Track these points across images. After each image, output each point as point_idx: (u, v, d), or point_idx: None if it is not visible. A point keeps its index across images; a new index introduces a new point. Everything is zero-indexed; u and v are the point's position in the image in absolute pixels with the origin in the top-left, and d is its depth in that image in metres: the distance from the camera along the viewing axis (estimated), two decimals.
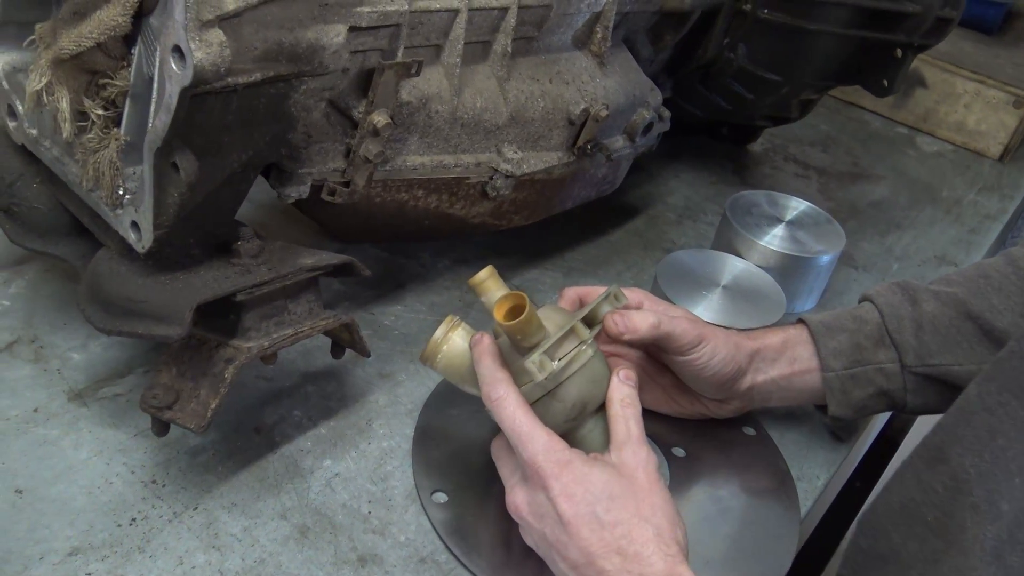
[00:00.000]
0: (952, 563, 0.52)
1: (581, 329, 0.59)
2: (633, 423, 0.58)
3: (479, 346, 0.59)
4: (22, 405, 0.67)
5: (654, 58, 0.95)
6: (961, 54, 1.41)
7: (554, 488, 0.54)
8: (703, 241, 1.03)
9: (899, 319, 0.71)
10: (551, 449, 0.55)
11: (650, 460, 0.56)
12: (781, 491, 0.72)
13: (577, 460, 0.55)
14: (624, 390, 0.59)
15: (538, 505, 0.55)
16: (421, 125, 0.70)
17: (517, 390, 0.57)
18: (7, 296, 0.76)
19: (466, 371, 0.61)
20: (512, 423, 0.56)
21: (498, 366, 0.58)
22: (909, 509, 0.58)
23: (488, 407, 0.58)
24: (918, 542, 0.57)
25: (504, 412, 0.56)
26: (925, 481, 0.57)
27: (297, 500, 0.64)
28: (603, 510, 0.53)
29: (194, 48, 0.48)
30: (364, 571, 0.60)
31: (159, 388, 0.59)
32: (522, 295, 0.56)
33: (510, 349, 0.59)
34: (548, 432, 0.56)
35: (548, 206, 0.86)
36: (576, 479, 0.54)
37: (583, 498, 0.53)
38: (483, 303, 0.61)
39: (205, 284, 0.58)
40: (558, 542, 0.54)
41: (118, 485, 0.62)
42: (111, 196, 0.59)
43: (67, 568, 0.57)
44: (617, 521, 0.53)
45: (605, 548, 0.52)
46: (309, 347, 0.76)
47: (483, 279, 0.60)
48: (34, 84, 0.58)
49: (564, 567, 0.54)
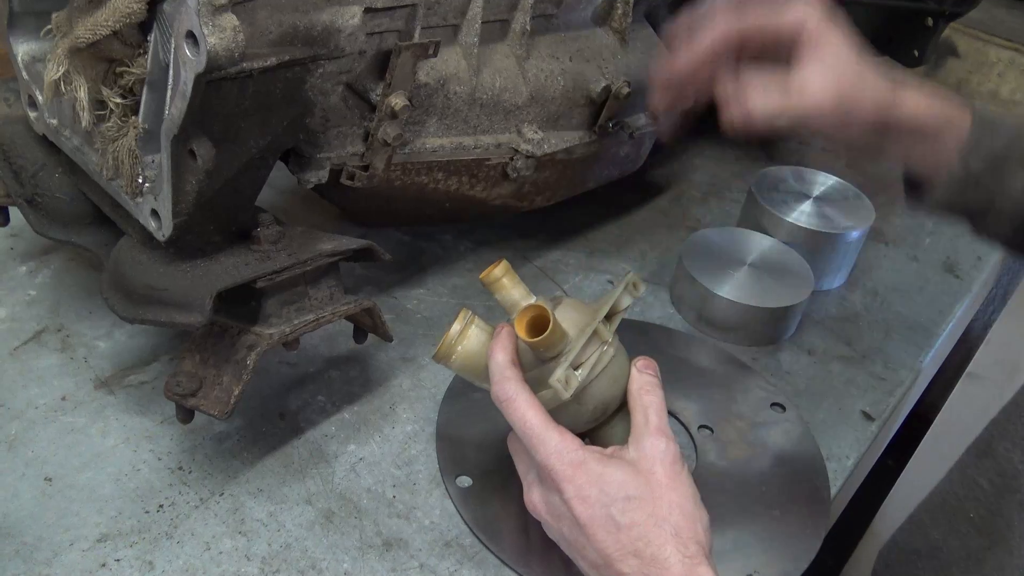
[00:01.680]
0: (996, 561, 0.51)
1: (603, 330, 0.57)
2: (652, 412, 0.55)
3: (496, 340, 0.57)
4: (50, 394, 0.67)
5: None
6: (994, 22, 1.37)
7: (568, 491, 0.52)
8: (728, 219, 1.02)
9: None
10: (564, 450, 0.53)
11: (669, 451, 0.54)
12: (810, 471, 0.71)
13: (591, 460, 0.53)
14: (643, 379, 0.57)
15: (554, 506, 0.54)
16: (440, 107, 0.69)
17: (527, 389, 0.55)
18: (33, 286, 0.77)
19: (483, 369, 0.58)
20: (523, 424, 0.54)
21: (508, 363, 0.56)
22: (951, 505, 0.57)
23: (498, 407, 0.56)
24: (959, 539, 0.55)
25: (515, 413, 0.54)
26: (970, 476, 0.56)
27: (322, 485, 0.64)
28: (618, 511, 0.51)
29: (207, 33, 0.47)
30: (389, 555, 0.60)
31: (183, 376, 0.59)
32: (543, 307, 0.54)
33: (528, 351, 0.57)
34: (560, 431, 0.54)
35: (570, 186, 0.85)
36: (590, 480, 0.52)
37: (598, 499, 0.52)
38: (498, 300, 0.58)
39: (225, 271, 0.58)
40: (576, 542, 0.53)
41: (145, 472, 0.63)
42: (131, 184, 0.59)
43: (96, 554, 0.57)
44: (633, 523, 0.51)
45: (622, 551, 0.51)
46: (332, 332, 0.75)
47: (497, 277, 0.58)
48: (52, 73, 0.58)
49: (585, 565, 0.54)
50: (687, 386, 0.76)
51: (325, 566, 0.59)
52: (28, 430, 0.64)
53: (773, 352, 0.83)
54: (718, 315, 0.82)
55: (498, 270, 0.58)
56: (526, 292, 0.58)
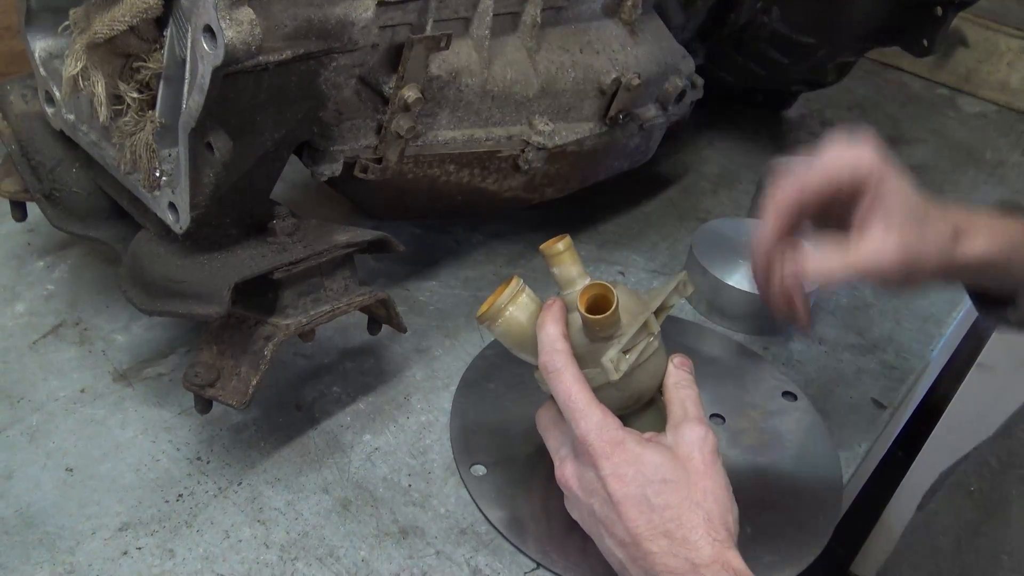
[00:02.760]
0: (995, 534, 0.51)
1: (653, 322, 0.58)
2: (690, 404, 0.56)
3: (549, 311, 0.57)
4: (69, 386, 0.68)
5: (686, 24, 0.94)
6: (1004, 10, 1.37)
7: (605, 468, 0.53)
8: (739, 210, 1.02)
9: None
10: (605, 427, 0.54)
11: (708, 440, 0.55)
12: (822, 459, 0.71)
13: (630, 440, 0.54)
14: (680, 375, 0.58)
15: (588, 481, 0.55)
16: (452, 99, 0.70)
17: (575, 363, 0.56)
18: (51, 281, 0.77)
19: (525, 338, 0.58)
20: (568, 397, 0.55)
21: (560, 335, 0.56)
22: (953, 481, 0.58)
23: (544, 376, 0.56)
24: (953, 511, 0.56)
25: (561, 385, 0.55)
26: (984, 455, 0.56)
27: (338, 474, 0.65)
28: (653, 493, 0.52)
29: (225, 27, 0.48)
30: (406, 543, 0.61)
31: (201, 366, 0.60)
32: (609, 287, 0.55)
33: (579, 327, 0.57)
34: (603, 409, 0.55)
35: (581, 178, 0.86)
36: (628, 460, 0.53)
37: (634, 479, 0.52)
38: (553, 274, 0.59)
39: (242, 263, 0.59)
40: (606, 519, 0.54)
41: (164, 462, 0.64)
42: (148, 178, 0.60)
43: (118, 543, 0.58)
44: (667, 505, 0.52)
45: (653, 531, 0.51)
46: (347, 324, 0.76)
47: (560, 251, 0.58)
48: (70, 69, 0.59)
49: (611, 543, 0.54)
50: (698, 376, 0.76)
51: (343, 553, 0.59)
52: (48, 422, 0.65)
53: (784, 341, 0.83)
54: (729, 305, 0.82)
55: (561, 244, 0.58)
56: (583, 271, 0.59)
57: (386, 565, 0.59)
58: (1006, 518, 0.51)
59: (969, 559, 0.53)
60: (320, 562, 0.59)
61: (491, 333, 0.60)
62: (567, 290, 0.59)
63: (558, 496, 0.61)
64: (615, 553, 0.54)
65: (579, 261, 0.59)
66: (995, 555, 0.50)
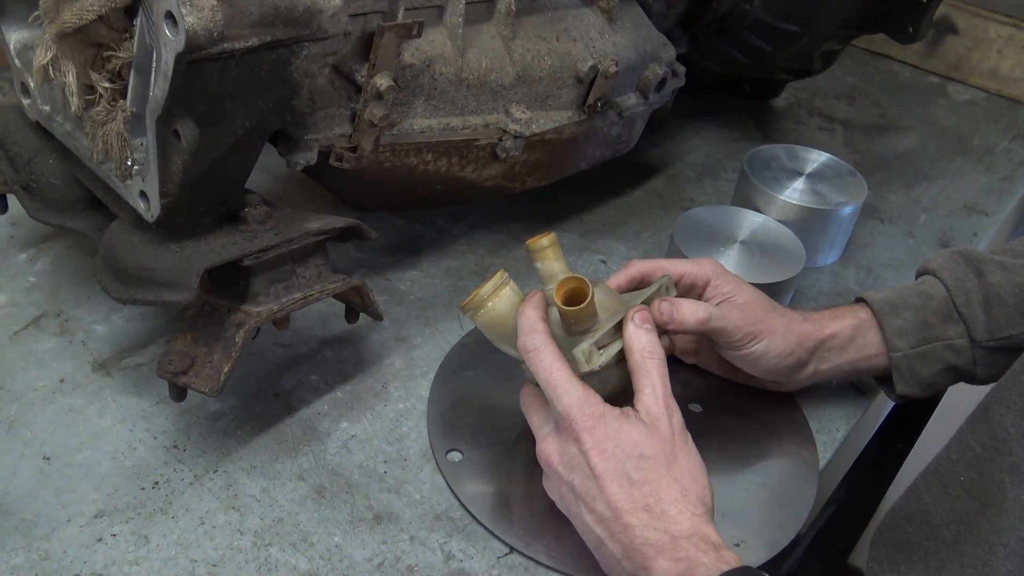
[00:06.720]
0: (991, 524, 0.51)
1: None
2: (658, 381, 0.56)
3: (530, 300, 0.59)
4: (49, 376, 0.69)
5: (667, 12, 0.94)
6: None
7: (587, 442, 0.54)
8: (723, 199, 1.02)
9: (966, 292, 0.69)
10: (585, 402, 0.55)
11: (675, 417, 0.56)
12: (799, 443, 0.71)
13: (611, 415, 0.55)
14: (644, 339, 0.57)
15: (569, 456, 0.56)
16: (426, 87, 0.70)
17: (554, 343, 0.57)
18: (33, 272, 0.78)
19: (507, 330, 0.60)
20: (548, 374, 0.56)
21: (539, 318, 0.58)
22: (944, 469, 0.58)
23: (523, 356, 0.57)
24: (950, 502, 0.56)
25: (541, 363, 0.56)
26: (965, 441, 0.56)
27: (314, 461, 0.65)
28: (633, 468, 0.53)
29: (185, 13, 0.48)
30: (380, 528, 0.61)
31: (174, 354, 0.60)
32: (585, 281, 0.56)
33: (559, 321, 0.58)
34: (583, 385, 0.56)
35: (561, 167, 0.86)
36: (609, 434, 0.54)
37: (614, 454, 0.54)
38: (537, 269, 0.61)
39: (213, 250, 0.59)
40: (587, 494, 0.55)
41: (141, 450, 0.64)
42: (120, 168, 0.60)
43: (93, 529, 0.58)
44: (646, 480, 0.53)
45: (633, 505, 0.53)
46: (326, 313, 0.76)
47: (544, 246, 0.60)
48: (40, 59, 0.59)
49: (590, 519, 0.55)
50: (678, 360, 0.76)
51: (317, 539, 0.60)
52: (27, 411, 0.66)
53: None
54: None
55: (545, 240, 0.60)
56: (566, 267, 0.61)
57: (360, 550, 0.59)
58: (1001, 509, 0.51)
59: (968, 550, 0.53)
60: (294, 547, 0.59)
61: (474, 323, 0.61)
62: (550, 285, 0.60)
63: (534, 482, 0.61)
64: (593, 529, 0.55)
65: (563, 258, 0.61)
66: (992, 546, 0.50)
